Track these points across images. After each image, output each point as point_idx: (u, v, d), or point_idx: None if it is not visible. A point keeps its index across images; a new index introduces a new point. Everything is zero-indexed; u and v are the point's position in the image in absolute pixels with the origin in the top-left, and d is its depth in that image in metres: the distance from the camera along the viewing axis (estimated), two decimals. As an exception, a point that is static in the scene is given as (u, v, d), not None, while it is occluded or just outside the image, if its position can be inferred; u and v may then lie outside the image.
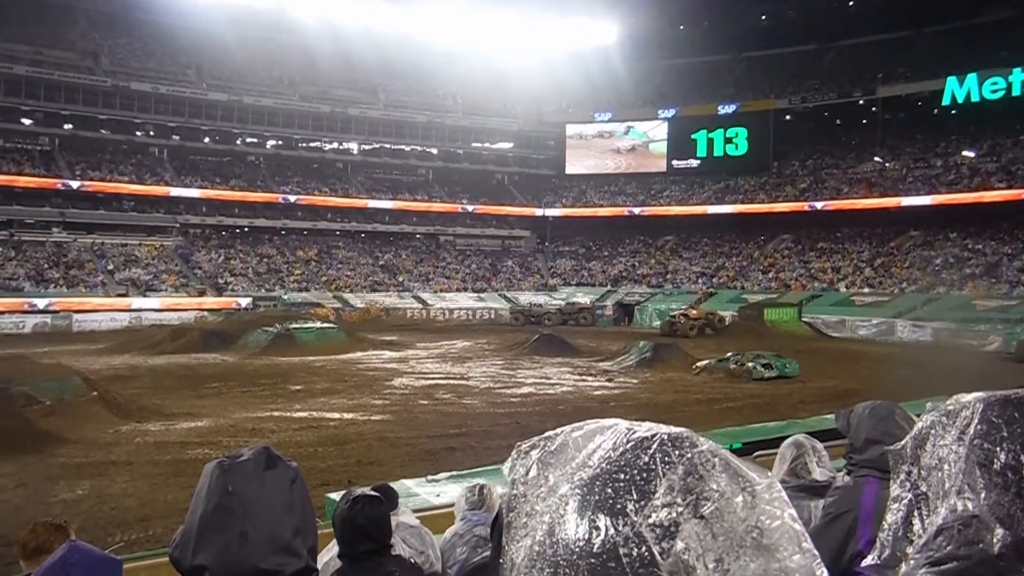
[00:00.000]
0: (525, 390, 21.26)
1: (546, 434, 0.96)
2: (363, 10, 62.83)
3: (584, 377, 24.27)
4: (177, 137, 58.83)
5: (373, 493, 2.60)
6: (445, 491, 6.70)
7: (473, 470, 8.47)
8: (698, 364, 25.56)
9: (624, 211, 65.59)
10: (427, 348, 33.42)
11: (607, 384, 22.85)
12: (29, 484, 11.49)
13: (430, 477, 7.72)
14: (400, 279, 57.66)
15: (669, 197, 65.67)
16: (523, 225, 67.96)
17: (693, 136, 65.40)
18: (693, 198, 64.44)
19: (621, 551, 0.80)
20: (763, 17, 65.03)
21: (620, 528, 0.82)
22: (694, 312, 41.80)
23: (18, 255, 46.69)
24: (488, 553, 2.96)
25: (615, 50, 67.11)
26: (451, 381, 22.85)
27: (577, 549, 0.82)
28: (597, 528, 0.82)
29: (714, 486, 0.85)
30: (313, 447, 13.80)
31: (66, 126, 54.39)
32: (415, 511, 4.21)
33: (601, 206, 67.10)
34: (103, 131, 55.37)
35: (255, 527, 1.24)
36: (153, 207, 54.31)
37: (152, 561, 5.41)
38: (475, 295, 57.28)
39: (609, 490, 0.84)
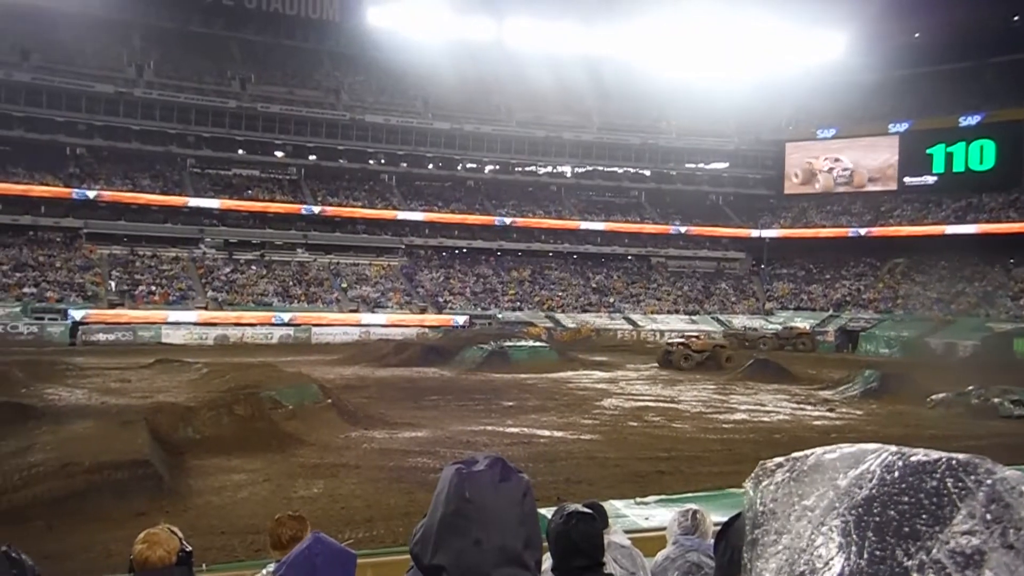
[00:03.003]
0: (738, 416, 20.51)
1: (793, 455, 0.95)
2: (577, 37, 64.28)
3: (802, 406, 23.01)
4: (404, 164, 63.05)
5: (586, 510, 2.64)
6: (654, 514, 6.63)
7: (683, 495, 8.31)
8: (933, 397, 23.41)
9: (848, 232, 61.73)
10: (637, 370, 33.18)
11: (828, 414, 21.52)
12: (273, 480, 12.68)
13: (639, 499, 7.68)
14: (611, 300, 57.80)
15: (900, 216, 60.99)
16: (738, 247, 65.84)
17: (929, 151, 60.45)
18: (928, 217, 59.39)
19: None
20: (1015, 18, 58.90)
21: (912, 553, 0.77)
22: (697, 343, 37.19)
23: (268, 273, 51.98)
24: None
25: (840, 63, 63.63)
26: (661, 404, 22.53)
27: (856, 570, 0.78)
28: (881, 550, 0.78)
29: None
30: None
31: (310, 157, 60.05)
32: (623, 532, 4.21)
33: (823, 227, 63.56)
34: (341, 161, 60.53)
35: (489, 536, 1.31)
36: (382, 230, 58.44)
37: (377, 559, 5.78)
38: (687, 317, 56.19)
39: (892, 512, 0.80)
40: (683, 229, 64.66)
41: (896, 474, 0.84)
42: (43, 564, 1.37)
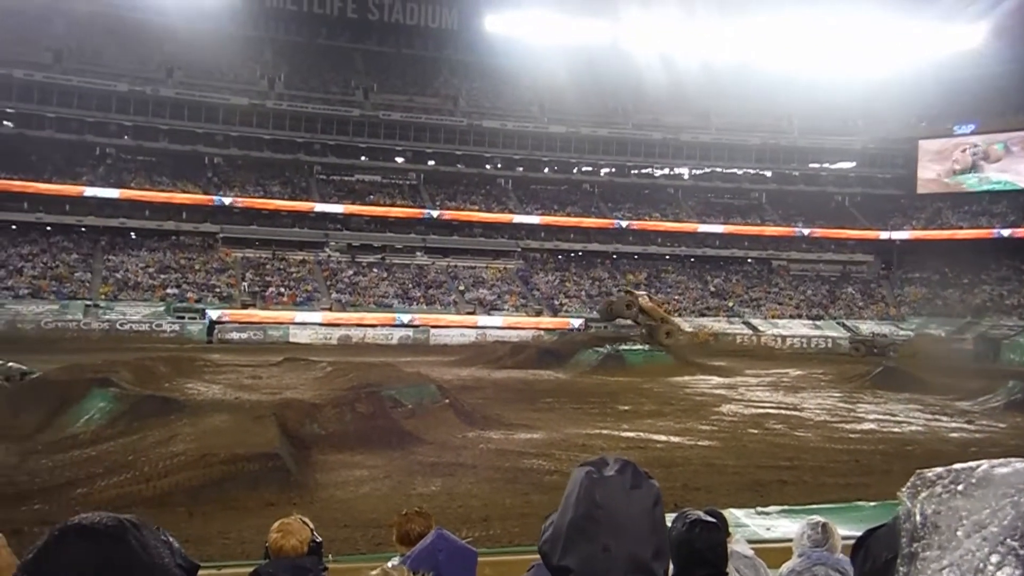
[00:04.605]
0: (866, 426, 19.58)
1: (955, 466, 0.90)
2: (694, 37, 63.08)
3: (937, 416, 21.71)
4: (520, 168, 63.61)
5: (710, 518, 2.59)
6: (776, 525, 6.44)
7: (807, 506, 8.03)
8: (1089, 411, 21.62)
9: (990, 233, 57.92)
10: (757, 375, 32.22)
11: (966, 426, 20.22)
12: (393, 476, 13.00)
13: (760, 509, 7.47)
14: (730, 304, 56.40)
15: (1050, 216, 56.79)
16: (865, 249, 62.95)
17: (1084, 145, 55.99)
18: (1082, 217, 55.02)
19: None
20: None
21: None
22: (646, 302, 33.58)
23: (389, 276, 53.54)
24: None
25: (979, 54, 59.83)
26: (783, 411, 21.79)
27: None
28: None
29: None
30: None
31: (429, 162, 61.51)
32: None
33: (960, 228, 59.93)
34: (459, 166, 61.69)
35: (618, 543, 1.31)
36: (498, 233, 59.15)
37: (495, 558, 5.85)
38: (810, 322, 54.17)
39: None
40: (806, 231, 62.38)
41: None
42: (185, 547, 1.47)
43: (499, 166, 63.67)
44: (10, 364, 21.47)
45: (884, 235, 62.26)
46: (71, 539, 1.20)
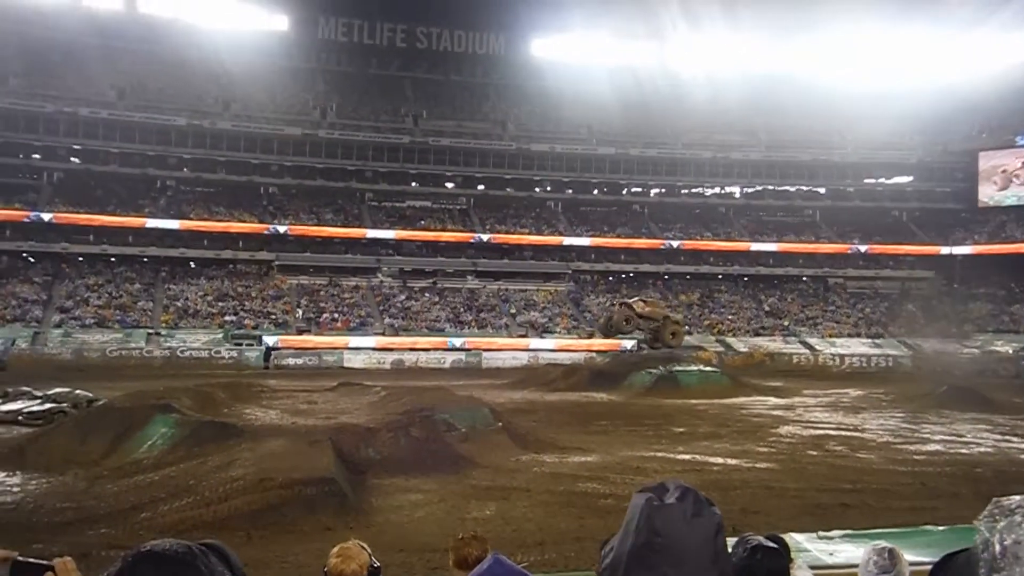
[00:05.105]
0: (931, 447, 18.97)
1: None
2: (741, 55, 62.66)
3: (1007, 437, 20.92)
4: (570, 191, 63.70)
5: (771, 544, 2.54)
6: (839, 550, 6.27)
7: (871, 530, 7.80)
8: None
9: (1058, 246, 55.98)
10: (815, 396, 31.51)
11: (1039, 448, 19.45)
12: (448, 500, 13.00)
13: (821, 533, 7.28)
14: (785, 323, 55.39)
15: (1121, 227, 54.65)
16: (925, 265, 61.29)
17: None
18: None
19: None
20: None
21: None
22: (643, 307, 32.47)
23: (440, 300, 53.89)
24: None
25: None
26: (843, 432, 21.25)
27: None
28: None
29: None
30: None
31: (479, 187, 62.00)
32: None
33: (1026, 241, 58.02)
34: (508, 189, 62.04)
35: (678, 572, 1.29)
36: (549, 255, 59.16)
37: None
38: (870, 341, 52.86)
39: None
40: (863, 248, 61.07)
41: None
42: (246, 571, 1.51)
43: (548, 189, 63.86)
44: (77, 392, 22.20)
45: (945, 250, 60.62)
46: (143, 566, 1.24)
